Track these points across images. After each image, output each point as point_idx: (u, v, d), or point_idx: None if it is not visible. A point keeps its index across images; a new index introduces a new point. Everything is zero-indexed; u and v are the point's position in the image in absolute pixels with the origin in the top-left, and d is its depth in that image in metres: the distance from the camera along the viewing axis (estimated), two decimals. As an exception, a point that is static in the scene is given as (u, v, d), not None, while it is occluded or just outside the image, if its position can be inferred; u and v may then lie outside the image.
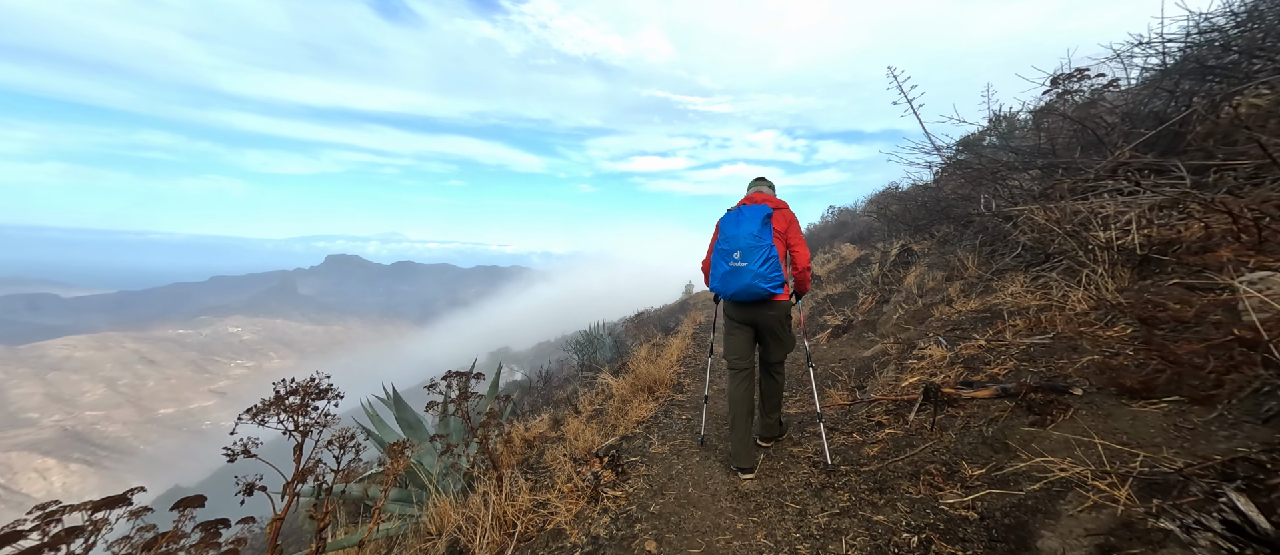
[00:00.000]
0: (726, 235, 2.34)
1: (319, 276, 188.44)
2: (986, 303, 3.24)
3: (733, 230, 2.32)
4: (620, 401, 3.85)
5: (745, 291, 2.26)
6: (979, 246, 3.83)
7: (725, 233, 2.36)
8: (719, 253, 2.36)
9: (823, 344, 5.02)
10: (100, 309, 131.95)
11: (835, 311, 5.76)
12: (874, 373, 3.34)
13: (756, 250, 2.24)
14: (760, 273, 2.22)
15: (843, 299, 6.11)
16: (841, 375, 3.74)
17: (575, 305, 79.35)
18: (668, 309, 14.04)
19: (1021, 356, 2.26)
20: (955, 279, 3.95)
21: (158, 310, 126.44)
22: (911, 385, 2.57)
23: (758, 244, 2.24)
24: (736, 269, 2.26)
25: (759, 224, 2.27)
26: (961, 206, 4.34)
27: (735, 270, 2.27)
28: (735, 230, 2.31)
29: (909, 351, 3.04)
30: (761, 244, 2.24)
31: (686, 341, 6.14)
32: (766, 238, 2.26)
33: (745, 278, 2.24)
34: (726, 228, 2.37)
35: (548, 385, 8.81)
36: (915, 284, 4.42)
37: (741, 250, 2.26)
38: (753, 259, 2.24)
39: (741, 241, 2.27)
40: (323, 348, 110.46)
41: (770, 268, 2.24)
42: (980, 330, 2.81)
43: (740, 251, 2.26)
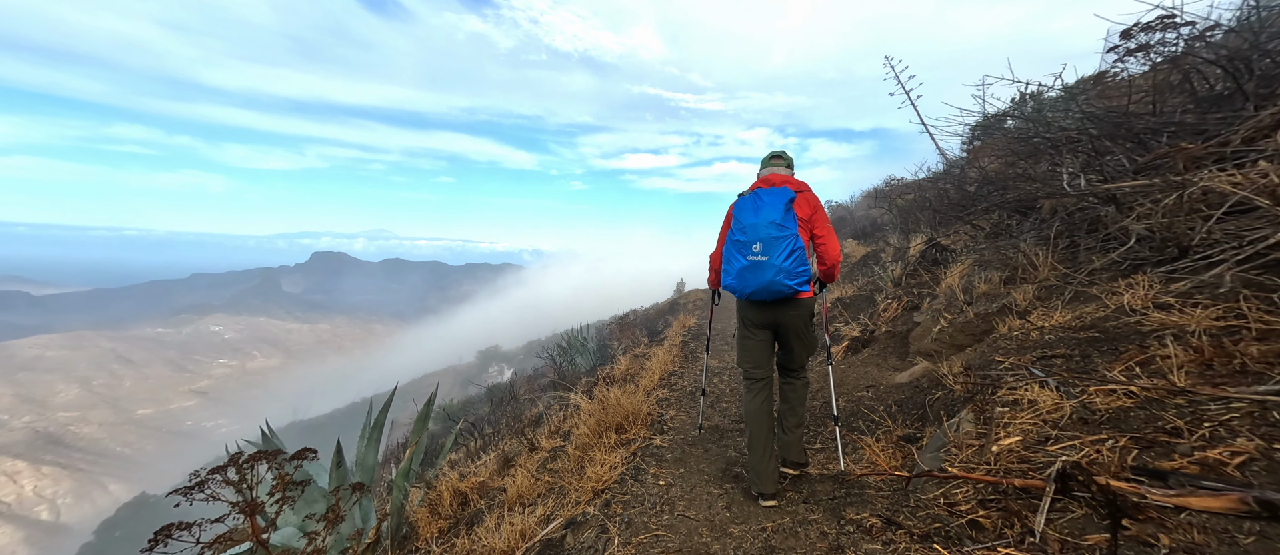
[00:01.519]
0: (743, 224, 2.02)
1: (304, 274, 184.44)
2: (1085, 315, 2.31)
3: (750, 218, 2.00)
4: (579, 449, 2.86)
5: (766, 289, 1.97)
6: (1053, 238, 2.89)
7: (741, 221, 2.03)
8: (734, 245, 2.04)
9: (837, 359, 4.10)
10: (74, 307, 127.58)
11: (849, 319, 4.84)
12: (927, 413, 2.40)
13: (779, 241, 1.94)
14: (784, 268, 1.92)
15: (857, 304, 5.19)
16: (876, 412, 2.78)
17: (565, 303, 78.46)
18: (658, 309, 13.05)
19: (1234, 420, 1.32)
20: (1022, 281, 3.01)
21: (135, 308, 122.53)
22: (1016, 453, 1.62)
23: (781, 234, 1.94)
24: (756, 264, 1.97)
25: (782, 210, 1.96)
26: (1019, 188, 3.40)
27: (754, 265, 1.97)
28: (753, 218, 1.99)
29: (984, 386, 2.10)
30: (785, 234, 1.94)
31: (673, 353, 5.17)
32: (790, 226, 1.96)
33: (767, 274, 1.94)
34: (743, 215, 2.04)
35: (515, 401, 7.78)
36: (960, 287, 3.50)
37: (761, 241, 1.96)
38: (775, 252, 1.93)
39: (762, 231, 1.96)
40: (309, 347, 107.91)
41: (795, 261, 1.94)
42: (1100, 358, 1.88)
43: (760, 243, 1.96)
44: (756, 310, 2.11)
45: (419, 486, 3.15)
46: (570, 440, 3.14)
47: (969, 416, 1.92)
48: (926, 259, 4.54)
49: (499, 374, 28.13)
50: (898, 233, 6.75)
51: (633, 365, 5.39)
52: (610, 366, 6.03)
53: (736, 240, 2.04)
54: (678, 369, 4.61)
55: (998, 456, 1.65)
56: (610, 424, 3.02)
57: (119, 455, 66.57)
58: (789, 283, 1.93)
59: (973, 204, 4.35)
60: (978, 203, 4.20)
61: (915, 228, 6.17)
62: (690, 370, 4.59)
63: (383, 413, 3.06)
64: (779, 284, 1.93)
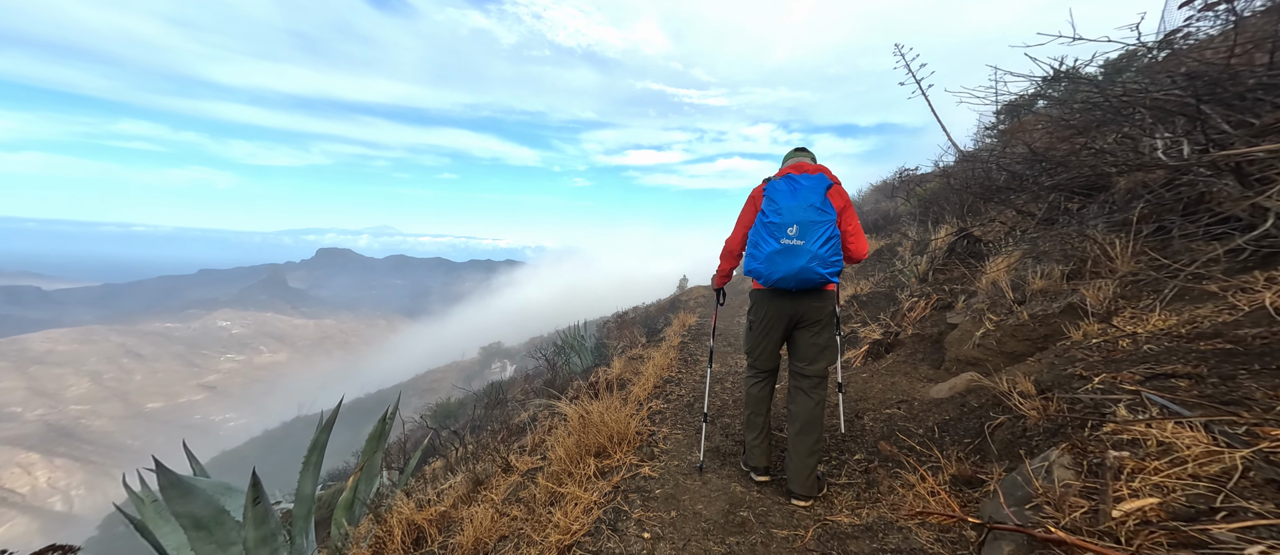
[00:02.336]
0: (779, 205, 1.90)
1: (309, 270, 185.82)
2: (1200, 320, 1.77)
3: (788, 200, 1.88)
4: (552, 480, 2.36)
5: (798, 276, 1.85)
6: (1135, 222, 2.33)
7: (777, 202, 1.91)
8: (766, 227, 1.92)
9: (856, 367, 3.57)
10: (84, 302, 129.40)
11: (867, 318, 4.30)
12: (987, 444, 1.87)
13: (818, 226, 1.83)
14: (820, 255, 1.81)
15: (876, 302, 4.64)
16: (912, 437, 2.26)
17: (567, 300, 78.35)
18: (659, 306, 12.54)
19: None
20: (1093, 275, 2.46)
21: (144, 303, 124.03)
22: (1157, 522, 1.10)
23: (821, 219, 1.84)
24: (790, 248, 1.84)
25: (822, 195, 1.87)
26: (1081, 164, 2.83)
27: (789, 249, 1.84)
28: (792, 200, 1.87)
29: (1078, 417, 1.57)
30: (825, 218, 1.84)
31: (671, 357, 4.65)
32: (830, 212, 1.86)
33: (801, 259, 1.82)
34: (779, 196, 1.92)
35: (505, 405, 7.32)
36: (1007, 282, 2.95)
37: (799, 224, 1.84)
38: (813, 236, 1.81)
39: (800, 214, 1.84)
40: (315, 342, 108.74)
41: (832, 250, 1.84)
42: (1255, 383, 1.35)
43: (798, 226, 1.84)
44: (778, 300, 1.98)
45: (369, 518, 2.68)
46: (547, 463, 2.65)
47: (1063, 459, 1.39)
48: (956, 252, 3.97)
49: (501, 371, 27.83)
50: (917, 224, 6.17)
51: (627, 368, 4.89)
52: (606, 367, 5.54)
53: (769, 222, 1.89)
54: (675, 374, 4.10)
55: (1124, 525, 1.13)
56: (591, 447, 2.52)
57: (130, 448, 67.46)
58: (822, 271, 1.82)
59: (1015, 188, 3.77)
60: (1022, 185, 3.62)
61: (939, 218, 5.58)
62: (689, 375, 4.08)
63: (324, 433, 2.59)
64: (812, 272, 1.81)
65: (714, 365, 4.29)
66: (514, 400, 8.80)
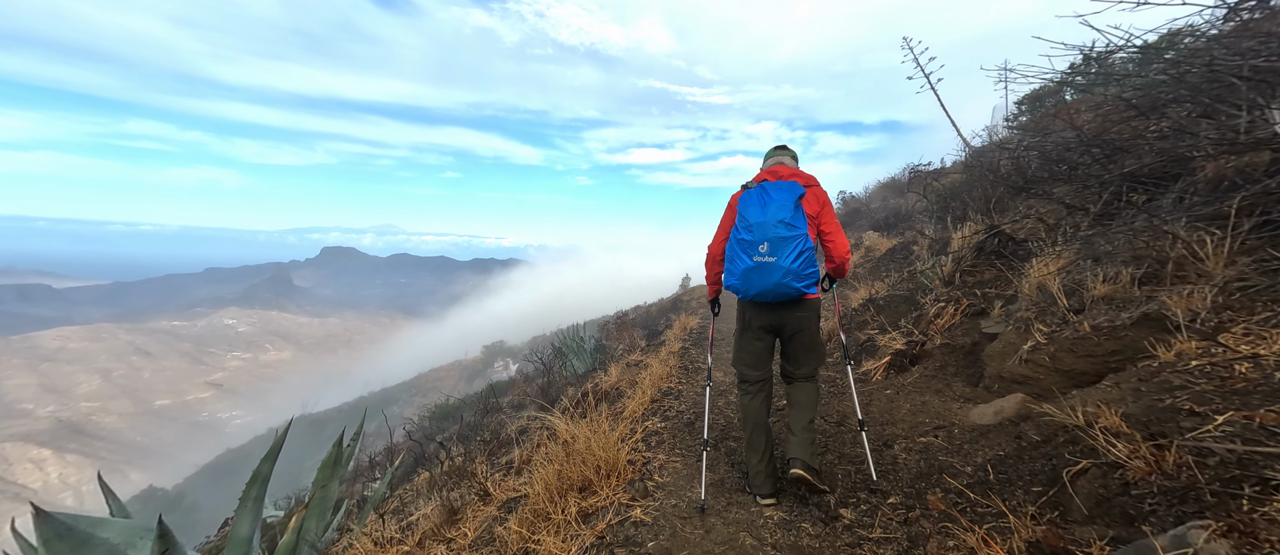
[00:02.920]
0: (749, 222, 1.86)
1: (314, 268, 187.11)
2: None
3: (757, 215, 1.85)
4: (527, 524, 1.98)
5: (774, 291, 1.84)
6: (1232, 215, 1.91)
7: (747, 218, 1.87)
8: (739, 244, 1.89)
9: (876, 380, 3.16)
10: (93, 300, 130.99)
11: (885, 324, 3.89)
12: (1069, 494, 1.47)
13: (789, 241, 1.80)
14: (793, 270, 1.80)
15: (894, 306, 4.21)
16: (959, 476, 1.86)
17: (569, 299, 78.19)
18: (660, 306, 12.16)
19: None
20: (1175, 280, 2.04)
21: (152, 302, 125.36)
22: None
23: (790, 234, 1.80)
24: (763, 265, 1.82)
25: (791, 207, 1.82)
26: (1152, 148, 2.40)
27: (761, 266, 1.82)
28: (761, 215, 1.84)
29: (1215, 470, 1.17)
30: (795, 233, 1.80)
31: (670, 364, 4.26)
32: (800, 225, 1.82)
33: (773, 276, 1.81)
34: (749, 212, 1.88)
35: (497, 414, 6.97)
36: (1059, 287, 2.53)
37: (769, 241, 1.81)
38: (784, 252, 1.80)
39: (769, 230, 1.81)
40: (319, 340, 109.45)
41: (805, 263, 1.82)
42: None
43: (768, 243, 1.81)
44: (760, 312, 1.99)
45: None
46: (526, 496, 2.28)
47: (1218, 547, 0.99)
48: (986, 251, 3.54)
49: (503, 370, 27.65)
50: (934, 221, 5.74)
51: (624, 377, 4.51)
52: (604, 372, 5.17)
53: (742, 239, 1.88)
54: (674, 386, 3.71)
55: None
56: (574, 480, 2.14)
57: (138, 445, 68.15)
58: (797, 285, 1.82)
59: (1056, 179, 3.33)
60: (1068, 175, 3.18)
61: (961, 215, 5.15)
62: (689, 387, 3.69)
63: (267, 463, 2.23)
64: (787, 287, 1.82)
65: (716, 374, 3.91)
66: (510, 405, 8.45)
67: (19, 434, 59.10)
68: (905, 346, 3.15)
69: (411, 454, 7.97)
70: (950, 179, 5.53)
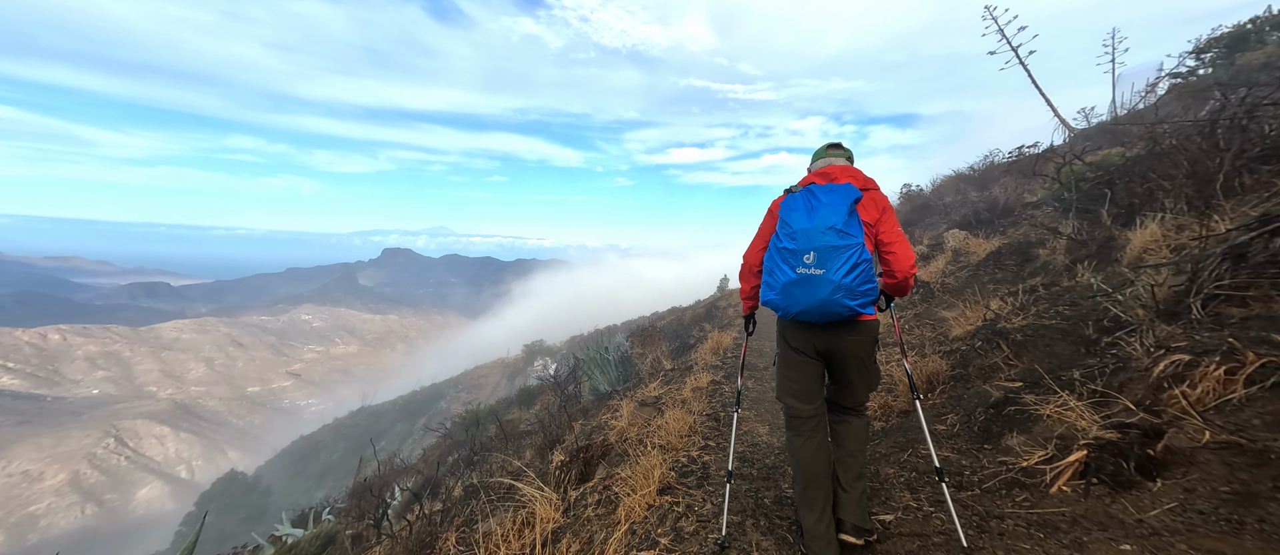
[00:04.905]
0: (794, 229, 1.60)
1: (376, 268, 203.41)
2: None
3: (804, 222, 1.58)
4: None
5: (820, 309, 1.56)
6: None
7: (791, 224, 1.61)
8: (780, 253, 1.62)
9: (1058, 494, 1.82)
10: (201, 297, 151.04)
11: (1044, 379, 2.45)
12: None
13: (841, 252, 1.52)
14: (845, 285, 1.52)
15: (1050, 344, 2.68)
16: None
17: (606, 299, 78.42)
18: (693, 314, 10.94)
19: None
20: None
21: (244, 298, 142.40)
22: None
23: (843, 243, 1.52)
24: (808, 278, 1.56)
25: (845, 213, 1.55)
26: None
27: (807, 279, 1.56)
28: (808, 222, 1.57)
29: None
30: (849, 243, 1.53)
31: (694, 411, 3.13)
32: (856, 233, 1.54)
33: (822, 291, 1.54)
34: (793, 217, 1.62)
35: (510, 439, 6.16)
36: None
37: (816, 251, 1.55)
38: (834, 264, 1.52)
39: (817, 238, 1.55)
40: (380, 336, 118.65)
41: (860, 278, 1.53)
42: None
43: (815, 253, 1.55)
44: (805, 333, 1.69)
45: None
46: None
47: None
48: (1249, 262, 2.05)
49: (543, 369, 27.75)
50: (1073, 214, 4.08)
51: (637, 420, 3.46)
52: (616, 411, 4.16)
53: (784, 249, 1.60)
54: (697, 455, 2.59)
55: None
56: None
57: (235, 427, 77.27)
58: (849, 303, 1.52)
59: None
60: None
61: (1130, 203, 3.52)
62: (716, 443, 2.55)
63: None
64: (836, 304, 1.53)
65: (744, 412, 2.74)
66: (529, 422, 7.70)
67: (146, 412, 68.80)
68: (1119, 437, 1.72)
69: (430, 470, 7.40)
70: (1106, 155, 3.88)
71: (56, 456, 55.27)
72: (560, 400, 6.43)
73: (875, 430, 2.79)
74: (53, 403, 69.25)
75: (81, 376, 76.26)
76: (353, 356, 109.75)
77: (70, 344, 79.81)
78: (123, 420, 64.43)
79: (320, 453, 31.81)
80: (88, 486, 54.03)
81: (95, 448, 57.59)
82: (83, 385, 75.55)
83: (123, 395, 76.08)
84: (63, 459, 55.13)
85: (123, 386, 78.25)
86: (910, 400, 2.86)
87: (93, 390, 75.12)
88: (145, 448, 63.55)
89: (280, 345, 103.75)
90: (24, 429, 60.11)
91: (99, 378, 77.30)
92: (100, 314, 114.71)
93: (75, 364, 77.38)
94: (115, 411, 68.20)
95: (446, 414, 24.86)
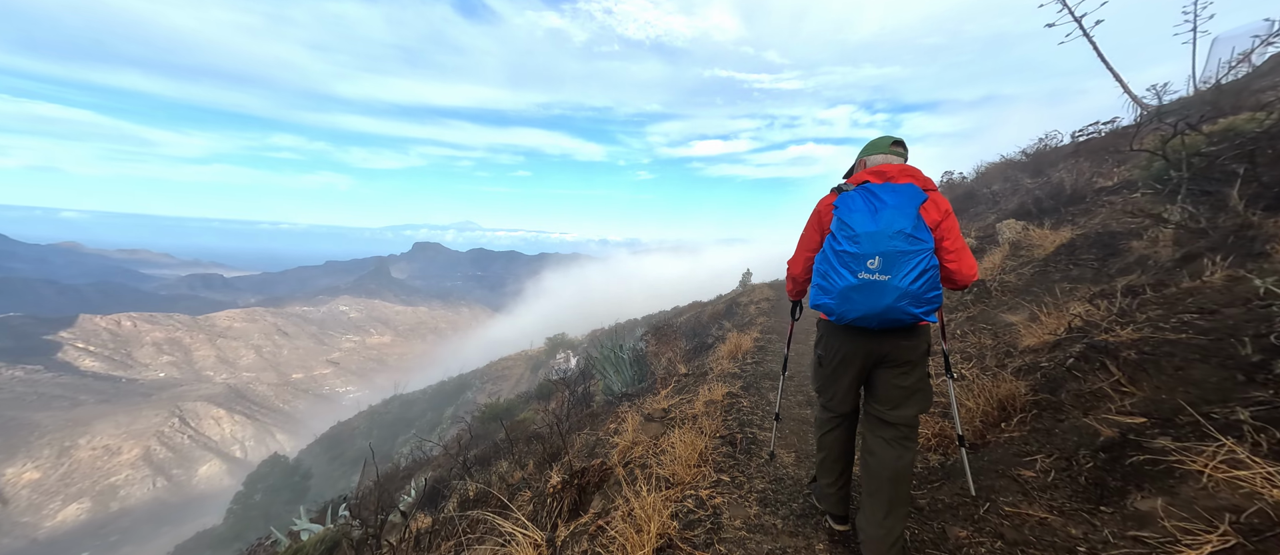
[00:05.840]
0: (856, 231, 1.47)
1: (408, 262, 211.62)
2: None
3: (867, 224, 1.46)
4: None
5: (882, 317, 1.46)
6: None
7: (852, 227, 1.48)
8: (839, 256, 1.50)
9: None
10: (250, 288, 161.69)
11: (1184, 415, 1.83)
12: None
13: (909, 257, 1.42)
14: (912, 292, 1.42)
15: (1184, 365, 2.07)
16: None
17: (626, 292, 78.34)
18: (712, 311, 10.35)
19: None
20: None
21: (288, 289, 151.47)
22: None
23: (912, 248, 1.43)
24: (872, 284, 1.44)
25: (914, 216, 1.44)
26: None
27: (870, 285, 1.44)
28: (872, 225, 1.45)
29: None
30: (919, 248, 1.43)
31: (709, 433, 2.64)
32: (925, 238, 1.44)
33: (887, 297, 1.43)
34: (855, 218, 1.48)
35: (530, 444, 5.86)
36: None
37: (882, 256, 1.42)
38: (902, 270, 1.41)
39: (884, 243, 1.43)
40: (412, 327, 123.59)
41: (927, 283, 1.43)
42: None
43: (880, 257, 1.43)
44: (853, 338, 1.57)
45: None
46: None
47: None
48: None
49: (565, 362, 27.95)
50: (1181, 198, 3.28)
51: (641, 441, 3.01)
52: (621, 426, 3.74)
53: (845, 252, 1.47)
54: (707, 488, 2.11)
55: None
56: None
57: (282, 411, 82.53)
58: (914, 310, 1.43)
59: None
60: None
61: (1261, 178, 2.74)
62: (730, 479, 2.07)
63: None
64: (900, 312, 1.43)
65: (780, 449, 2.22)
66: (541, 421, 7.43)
67: (204, 395, 74.43)
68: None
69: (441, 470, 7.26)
70: (1228, 123, 3.06)
71: (131, 433, 60.72)
72: (568, 403, 6.07)
73: (929, 465, 2.23)
74: (127, 384, 76.02)
75: (149, 361, 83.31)
76: (386, 346, 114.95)
77: (140, 330, 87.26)
78: (185, 402, 70.02)
79: (356, 439, 33.37)
80: (157, 461, 59.18)
81: (163, 426, 62.89)
82: (151, 369, 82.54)
83: (184, 379, 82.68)
84: (136, 436, 60.50)
85: (184, 370, 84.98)
86: (973, 430, 2.28)
87: (159, 373, 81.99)
88: (205, 428, 68.83)
89: (321, 334, 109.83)
90: (104, 407, 66.34)
91: (164, 362, 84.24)
92: (164, 303, 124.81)
93: (144, 349, 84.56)
94: (178, 394, 74.23)
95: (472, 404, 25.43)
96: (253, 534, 18.21)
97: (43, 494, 51.60)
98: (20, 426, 57.79)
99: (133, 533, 46.66)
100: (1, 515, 48.03)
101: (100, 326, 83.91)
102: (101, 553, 43.94)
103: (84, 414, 62.82)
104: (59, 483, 53.13)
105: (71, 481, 53.27)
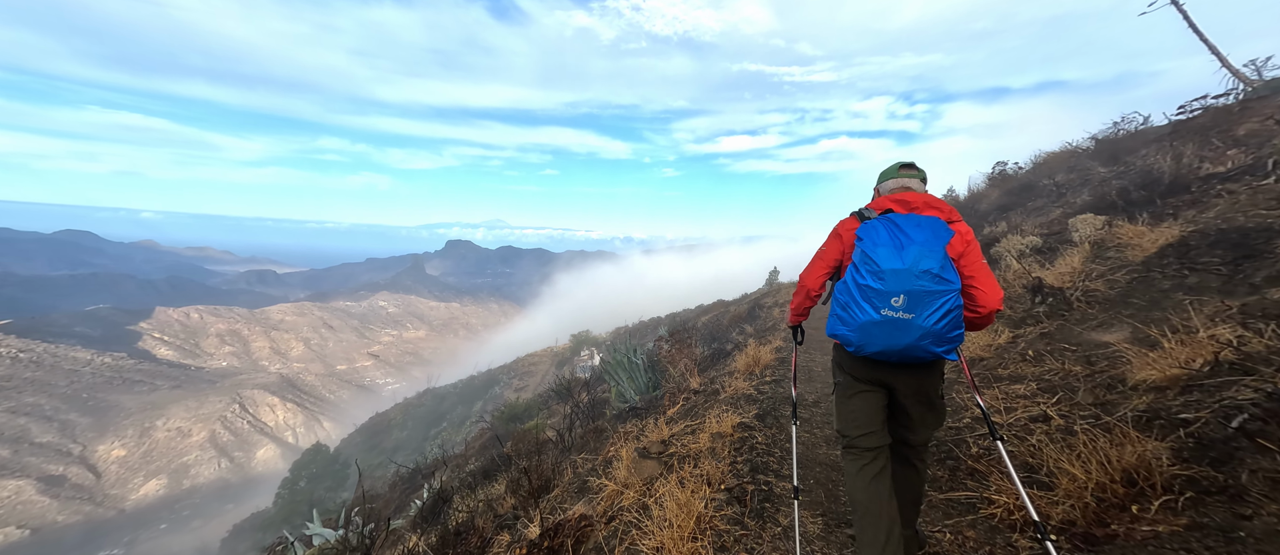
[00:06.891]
0: (881, 268, 1.42)
1: (441, 259, 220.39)
2: None
3: (893, 261, 1.41)
4: None
5: (903, 353, 1.44)
6: None
7: (877, 263, 1.43)
8: (861, 290, 1.47)
9: None
10: (299, 284, 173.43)
11: None
12: None
13: (937, 298, 1.38)
14: (935, 332, 1.39)
15: None
16: None
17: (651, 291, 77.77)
18: (734, 314, 9.66)
19: None
20: None
21: (333, 285, 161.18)
22: None
23: (939, 288, 1.39)
24: (895, 321, 1.41)
25: (941, 254, 1.40)
26: None
27: (893, 323, 1.41)
28: (898, 262, 1.41)
29: None
30: (946, 288, 1.39)
31: (718, 475, 2.10)
32: (953, 277, 1.40)
33: (909, 336, 1.41)
34: (880, 254, 1.43)
35: (537, 456, 5.49)
36: None
37: (908, 294, 1.39)
38: (927, 310, 1.38)
39: (911, 282, 1.39)
40: (445, 321, 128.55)
41: (951, 323, 1.40)
42: None
43: (906, 297, 1.39)
44: (872, 368, 1.57)
45: None
46: None
47: None
48: None
49: (589, 358, 28.00)
50: None
51: (637, 483, 2.52)
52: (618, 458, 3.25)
53: (868, 288, 1.44)
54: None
55: None
56: None
57: (328, 400, 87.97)
58: (936, 349, 1.42)
59: None
60: None
61: None
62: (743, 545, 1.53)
63: None
64: (921, 350, 1.42)
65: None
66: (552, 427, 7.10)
67: (261, 384, 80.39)
68: None
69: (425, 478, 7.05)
70: None
71: (199, 417, 66.47)
72: (574, 416, 5.65)
73: None
74: (195, 371, 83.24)
75: (214, 351, 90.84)
76: (422, 340, 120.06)
77: (205, 322, 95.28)
78: (244, 389, 75.91)
79: (392, 430, 34.85)
80: (222, 444, 64.50)
81: (225, 412, 68.46)
82: (215, 358, 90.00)
83: (243, 368, 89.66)
84: (203, 419, 66.18)
85: (243, 360, 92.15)
86: (1085, 511, 1.63)
87: (222, 363, 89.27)
88: (261, 414, 74.32)
89: (362, 328, 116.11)
90: (177, 392, 72.97)
91: (226, 352, 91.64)
92: (226, 297, 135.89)
93: (209, 340, 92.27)
94: (238, 382, 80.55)
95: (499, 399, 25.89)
96: (298, 518, 19.27)
97: (128, 469, 57.52)
98: (109, 408, 64.63)
99: (202, 508, 51.22)
100: (96, 487, 53.99)
101: (173, 318, 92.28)
102: (176, 525, 48.55)
103: (160, 398, 69.40)
104: (141, 459, 59.06)
105: (151, 459, 59.13)
